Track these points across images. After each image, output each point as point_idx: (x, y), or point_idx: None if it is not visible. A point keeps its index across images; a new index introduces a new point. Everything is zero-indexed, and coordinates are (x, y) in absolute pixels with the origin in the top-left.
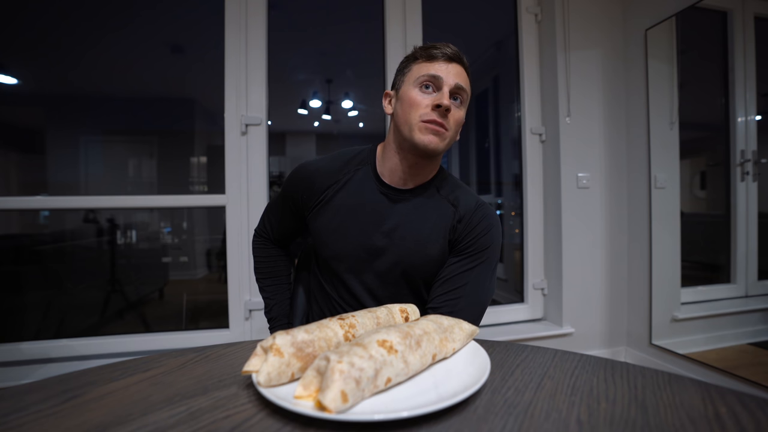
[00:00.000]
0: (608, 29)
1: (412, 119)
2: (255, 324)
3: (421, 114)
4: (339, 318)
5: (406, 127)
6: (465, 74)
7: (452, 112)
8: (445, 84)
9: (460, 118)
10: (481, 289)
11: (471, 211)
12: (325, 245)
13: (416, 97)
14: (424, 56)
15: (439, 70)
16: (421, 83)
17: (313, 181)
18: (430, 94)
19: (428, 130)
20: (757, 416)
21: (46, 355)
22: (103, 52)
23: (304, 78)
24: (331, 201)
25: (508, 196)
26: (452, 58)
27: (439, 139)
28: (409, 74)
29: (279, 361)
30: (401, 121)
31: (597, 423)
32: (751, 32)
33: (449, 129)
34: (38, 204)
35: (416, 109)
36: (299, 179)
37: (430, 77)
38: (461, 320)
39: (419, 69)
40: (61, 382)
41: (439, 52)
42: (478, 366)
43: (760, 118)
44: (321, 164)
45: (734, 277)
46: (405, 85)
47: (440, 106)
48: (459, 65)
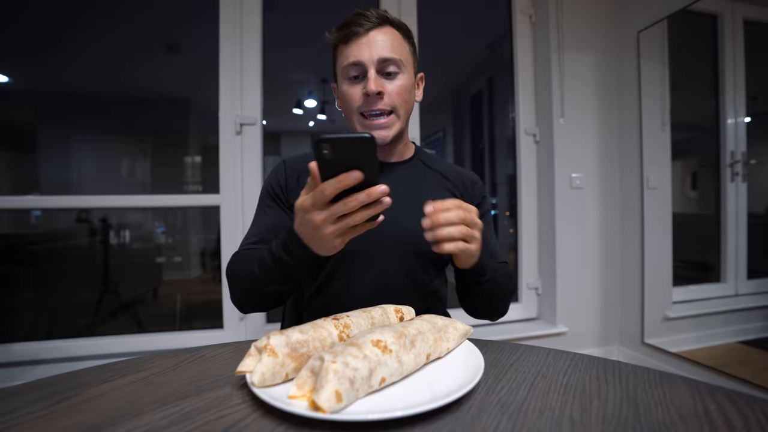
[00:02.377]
0: (601, 31)
1: (352, 115)
2: (249, 324)
3: (357, 108)
4: (333, 318)
5: (351, 124)
6: (392, 34)
7: (387, 88)
8: (369, 64)
9: (401, 88)
10: (494, 237)
11: (468, 178)
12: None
13: (347, 90)
14: (340, 39)
15: (357, 51)
16: (347, 76)
17: (293, 167)
18: (360, 82)
19: (368, 126)
20: (745, 413)
21: (37, 357)
22: (96, 51)
23: (299, 78)
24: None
25: (503, 197)
26: (370, 26)
27: (383, 128)
28: (337, 65)
29: (273, 362)
30: (347, 117)
31: (589, 421)
32: (740, 35)
33: (392, 107)
34: (30, 203)
35: (352, 104)
36: (279, 170)
37: (352, 65)
38: (455, 320)
39: (341, 56)
40: (52, 384)
41: (352, 30)
42: (471, 365)
43: (750, 119)
44: (297, 156)
45: (724, 277)
46: (339, 79)
47: (368, 95)
48: (379, 30)
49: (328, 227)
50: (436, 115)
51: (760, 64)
